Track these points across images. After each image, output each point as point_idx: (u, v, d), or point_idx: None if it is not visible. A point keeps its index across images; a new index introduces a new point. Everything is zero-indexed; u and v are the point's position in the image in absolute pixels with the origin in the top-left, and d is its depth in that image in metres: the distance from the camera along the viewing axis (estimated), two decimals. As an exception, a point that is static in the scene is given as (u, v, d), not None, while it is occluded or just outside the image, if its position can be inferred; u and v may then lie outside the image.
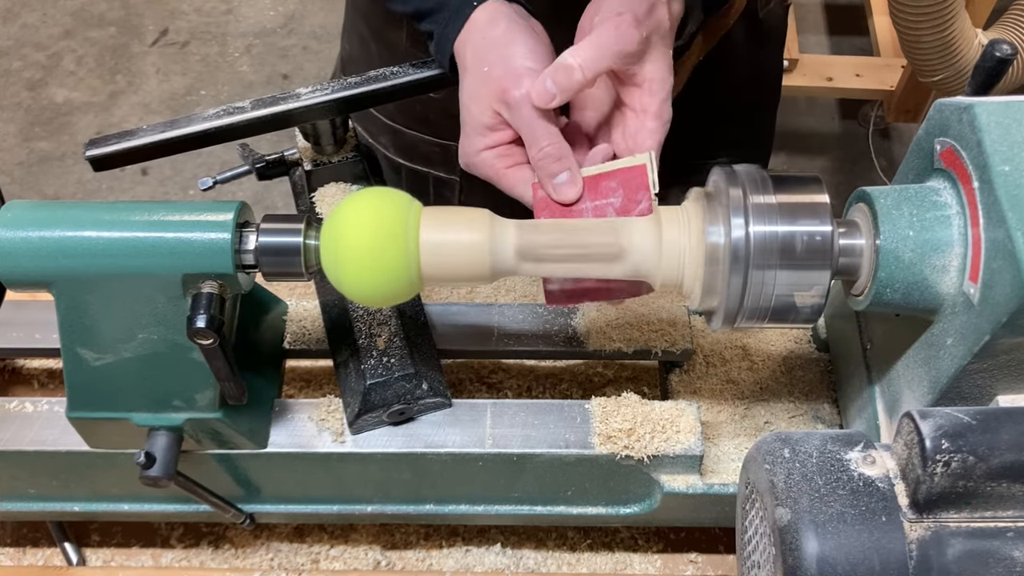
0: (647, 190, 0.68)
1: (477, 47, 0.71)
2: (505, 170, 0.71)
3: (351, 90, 0.78)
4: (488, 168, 0.72)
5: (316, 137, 0.83)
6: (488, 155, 0.71)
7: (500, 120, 0.70)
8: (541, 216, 0.69)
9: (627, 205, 0.68)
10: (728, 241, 0.62)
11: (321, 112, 0.78)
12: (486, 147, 0.71)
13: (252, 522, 0.86)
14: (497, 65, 0.69)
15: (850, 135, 2.73)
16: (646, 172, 0.68)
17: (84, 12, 3.01)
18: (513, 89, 0.68)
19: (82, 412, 0.72)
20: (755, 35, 1.02)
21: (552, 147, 0.67)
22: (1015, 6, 1.90)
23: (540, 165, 0.68)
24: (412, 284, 0.64)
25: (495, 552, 0.93)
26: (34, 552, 0.94)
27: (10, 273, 0.65)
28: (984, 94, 0.64)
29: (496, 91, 0.69)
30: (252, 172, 0.84)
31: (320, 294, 0.84)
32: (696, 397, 0.86)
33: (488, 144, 0.71)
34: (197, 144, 0.77)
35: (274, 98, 0.77)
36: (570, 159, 0.68)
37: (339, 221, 0.63)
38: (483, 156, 0.71)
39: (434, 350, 0.81)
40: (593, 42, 0.66)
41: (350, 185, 0.85)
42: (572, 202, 0.69)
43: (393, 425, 0.78)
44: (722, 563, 0.92)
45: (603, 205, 0.69)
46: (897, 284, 0.63)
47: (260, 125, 0.77)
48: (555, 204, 0.69)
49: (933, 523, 0.51)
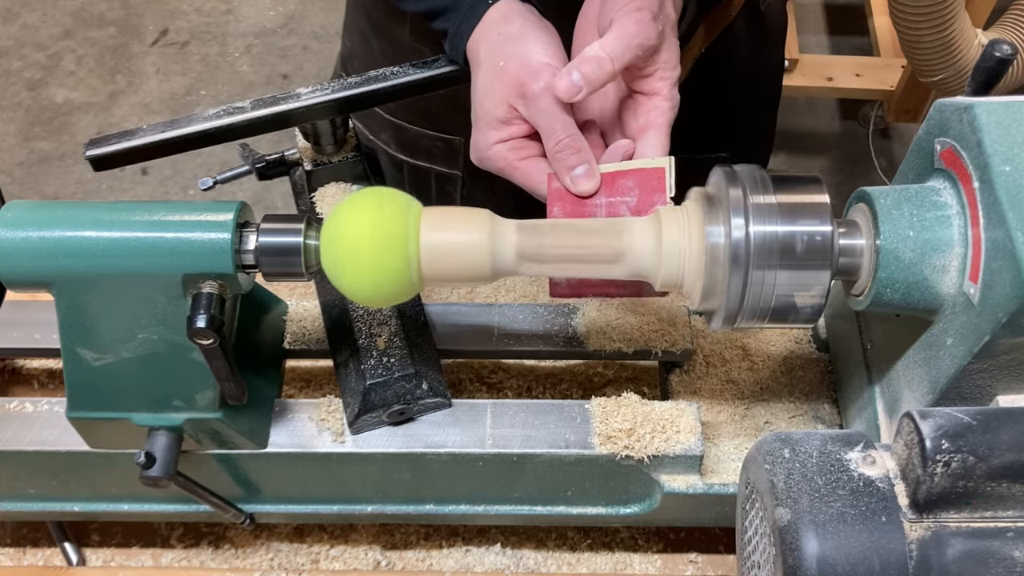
0: (663, 193, 0.68)
1: (492, 43, 0.72)
2: (518, 162, 0.72)
3: (351, 90, 0.78)
4: (501, 161, 0.72)
5: (316, 137, 0.83)
6: (501, 148, 0.72)
7: (514, 114, 0.71)
8: (554, 207, 0.70)
9: (642, 206, 0.68)
10: (728, 241, 0.62)
11: (321, 112, 0.78)
12: (499, 140, 0.72)
13: (252, 522, 0.86)
14: (513, 60, 0.70)
15: (850, 135, 2.73)
16: (664, 175, 0.68)
17: (84, 12, 3.01)
18: (531, 83, 0.68)
19: (82, 412, 0.72)
20: (757, 29, 1.02)
21: (570, 139, 0.68)
22: (1015, 6, 1.90)
23: (558, 157, 0.69)
24: (412, 284, 0.64)
25: (495, 552, 0.93)
26: (34, 552, 0.94)
27: (10, 273, 0.65)
28: (984, 94, 0.64)
29: (512, 85, 0.70)
30: (252, 172, 0.84)
31: (320, 294, 0.84)
32: (696, 397, 0.86)
33: (501, 137, 0.72)
34: (197, 144, 0.77)
35: (274, 98, 0.77)
36: (587, 152, 0.69)
37: (339, 221, 0.63)
38: (496, 149, 0.72)
39: (434, 350, 0.81)
40: (617, 35, 0.67)
41: (350, 185, 0.85)
42: (589, 195, 0.69)
43: (393, 425, 0.78)
44: (722, 563, 0.92)
45: (618, 203, 0.69)
46: (897, 284, 0.63)
47: (260, 125, 0.77)
48: (569, 196, 0.70)
49: (933, 523, 0.51)
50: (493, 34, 0.72)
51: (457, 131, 1.06)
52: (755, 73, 1.08)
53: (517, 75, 0.69)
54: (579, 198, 0.70)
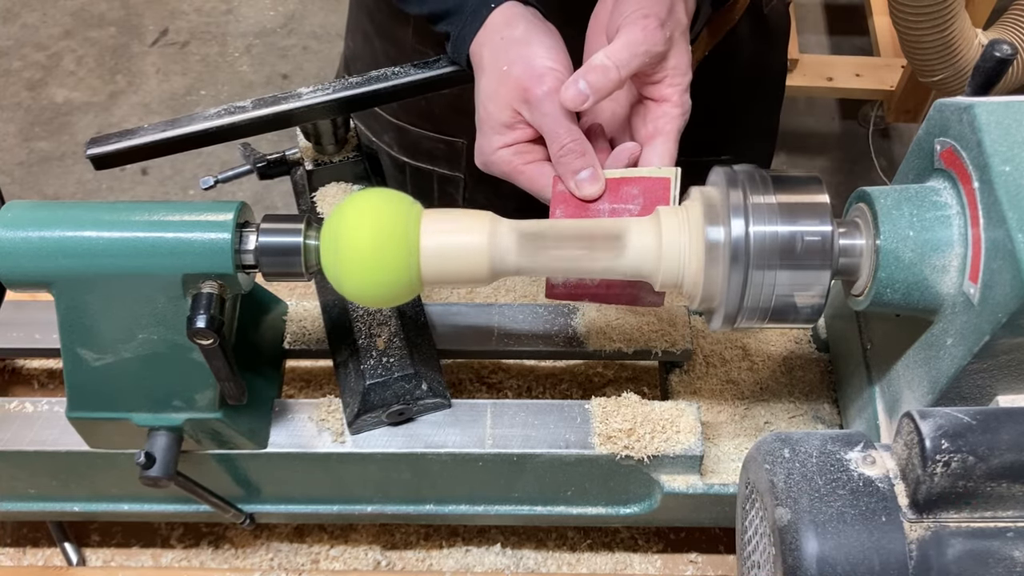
0: (667, 203, 0.68)
1: (495, 47, 0.72)
2: (523, 166, 0.72)
3: (353, 90, 0.78)
4: (505, 165, 0.72)
5: (317, 137, 0.83)
6: (505, 152, 0.72)
7: (519, 119, 0.71)
8: (557, 210, 0.70)
9: (645, 214, 0.68)
10: (728, 241, 0.62)
11: (323, 112, 0.78)
12: (504, 145, 0.72)
13: (252, 522, 0.86)
14: (517, 64, 0.70)
15: (850, 135, 2.73)
16: (669, 186, 0.68)
17: (84, 12, 3.01)
18: (535, 87, 0.68)
19: (82, 412, 0.72)
20: (760, 32, 1.02)
21: (575, 143, 0.68)
22: (1015, 6, 1.90)
23: (562, 161, 0.69)
24: (412, 285, 0.64)
25: (495, 552, 0.93)
26: (34, 552, 0.94)
27: (10, 273, 0.65)
28: (984, 94, 0.64)
29: (516, 90, 0.70)
30: (253, 171, 0.84)
31: (320, 294, 0.84)
32: (696, 397, 0.86)
33: (506, 142, 0.72)
34: (198, 143, 0.77)
35: (275, 98, 0.77)
36: (592, 156, 0.69)
37: (339, 222, 0.63)
38: (500, 154, 0.72)
39: (434, 351, 0.81)
40: (623, 43, 0.67)
41: (351, 185, 0.85)
42: (593, 199, 0.69)
43: (392, 425, 0.78)
44: (722, 563, 0.92)
45: (621, 209, 0.69)
46: (897, 284, 0.63)
47: (261, 125, 0.77)
48: (573, 200, 0.70)
49: (933, 523, 0.51)
50: (496, 38, 0.72)
51: (460, 133, 1.06)
52: (757, 75, 1.08)
53: (520, 80, 0.69)
54: (582, 202, 0.70)
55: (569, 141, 0.68)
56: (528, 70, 0.69)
